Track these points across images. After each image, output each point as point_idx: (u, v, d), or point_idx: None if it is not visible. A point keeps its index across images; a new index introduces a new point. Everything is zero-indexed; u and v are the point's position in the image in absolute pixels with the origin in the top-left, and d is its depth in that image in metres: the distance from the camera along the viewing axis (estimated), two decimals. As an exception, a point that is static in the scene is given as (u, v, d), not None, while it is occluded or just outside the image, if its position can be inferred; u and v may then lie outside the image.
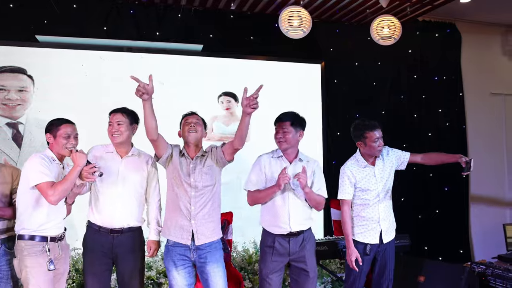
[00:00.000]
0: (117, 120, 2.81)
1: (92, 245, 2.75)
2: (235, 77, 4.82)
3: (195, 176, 2.74)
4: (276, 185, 2.75)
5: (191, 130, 2.80)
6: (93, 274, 2.72)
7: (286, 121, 2.88)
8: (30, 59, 4.28)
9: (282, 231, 2.83)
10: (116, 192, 2.76)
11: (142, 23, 4.68)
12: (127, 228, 2.77)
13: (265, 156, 2.96)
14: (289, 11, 4.14)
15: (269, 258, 2.85)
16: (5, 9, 4.32)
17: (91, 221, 2.78)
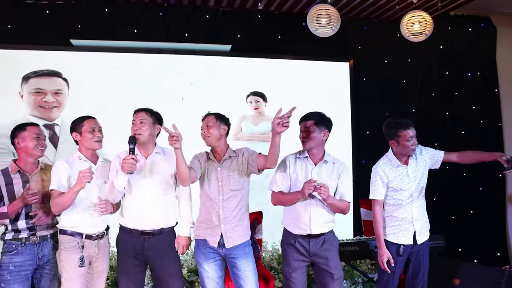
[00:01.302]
0: (140, 118, 2.79)
1: (124, 246, 2.77)
2: (263, 77, 4.83)
3: (223, 180, 2.74)
4: (301, 192, 2.72)
5: (205, 136, 2.79)
6: (126, 275, 2.76)
7: (309, 121, 2.84)
8: (65, 63, 4.43)
9: (302, 232, 2.81)
10: (144, 194, 2.75)
11: (171, 25, 4.76)
12: (159, 230, 2.76)
13: (290, 156, 2.92)
14: (317, 9, 4.09)
15: (291, 257, 2.85)
16: (42, 16, 4.50)
17: (122, 224, 2.81)
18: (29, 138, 2.73)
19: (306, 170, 2.84)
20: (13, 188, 2.70)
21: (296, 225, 2.82)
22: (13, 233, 2.68)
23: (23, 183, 2.72)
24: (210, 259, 2.76)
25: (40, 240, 2.72)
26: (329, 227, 2.87)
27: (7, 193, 2.68)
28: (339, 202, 2.81)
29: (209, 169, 2.79)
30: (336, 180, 2.85)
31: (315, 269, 2.89)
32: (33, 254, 2.69)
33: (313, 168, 2.83)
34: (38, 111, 4.35)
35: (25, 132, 2.74)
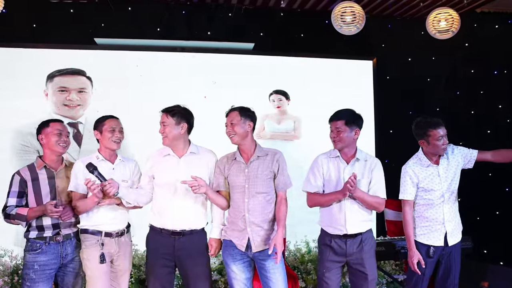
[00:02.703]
0: (162, 121, 2.74)
1: (154, 246, 2.75)
2: (286, 75, 4.80)
3: (249, 182, 2.70)
4: (341, 192, 2.67)
5: (230, 134, 2.74)
6: (156, 275, 2.73)
7: (339, 120, 2.78)
8: (89, 61, 4.47)
9: (338, 232, 2.77)
10: (176, 195, 2.71)
11: (194, 23, 4.76)
12: (189, 230, 2.73)
13: (322, 156, 2.87)
14: (341, 7, 4.04)
15: (326, 257, 2.80)
16: (66, 15, 4.55)
17: (152, 224, 2.79)
18: (51, 134, 2.75)
19: (338, 169, 2.79)
20: (38, 183, 2.72)
21: (332, 225, 2.78)
22: (37, 231, 2.69)
23: (48, 179, 2.74)
24: (238, 260, 2.73)
25: (64, 239, 2.73)
26: (366, 226, 2.81)
27: (32, 188, 2.70)
28: (370, 198, 2.73)
29: (234, 170, 2.73)
30: (369, 177, 2.79)
31: (349, 269, 2.85)
32: (57, 253, 2.71)
33: (345, 167, 2.79)
34: (62, 109, 4.39)
35: (48, 128, 2.76)
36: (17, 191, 2.69)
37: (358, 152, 2.83)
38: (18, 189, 2.69)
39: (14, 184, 2.71)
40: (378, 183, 2.79)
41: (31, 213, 2.64)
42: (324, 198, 2.79)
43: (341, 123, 2.77)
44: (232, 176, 2.74)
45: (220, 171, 2.79)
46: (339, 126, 2.76)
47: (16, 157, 4.27)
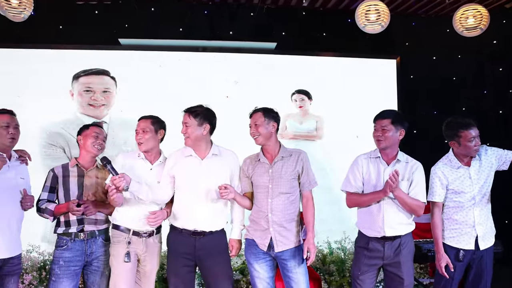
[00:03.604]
0: (184, 122, 2.73)
1: (174, 246, 2.75)
2: (308, 75, 4.77)
3: (273, 182, 2.69)
4: (382, 191, 2.63)
5: (254, 135, 2.73)
6: (176, 275, 2.73)
7: (386, 119, 2.73)
8: (113, 61, 4.53)
9: (376, 234, 2.72)
10: (197, 195, 2.70)
11: (216, 23, 4.79)
12: (210, 231, 2.72)
13: (362, 156, 2.84)
14: (366, 5, 3.98)
15: (362, 259, 2.76)
16: (91, 16, 4.64)
17: (173, 224, 2.79)
18: (89, 136, 2.85)
19: (378, 170, 2.75)
20: (68, 180, 2.81)
21: (370, 227, 2.74)
22: (64, 227, 2.76)
23: (78, 177, 2.82)
24: (261, 259, 2.72)
25: (88, 237, 2.77)
26: (406, 229, 2.74)
27: (62, 185, 2.80)
28: (410, 200, 2.67)
29: (258, 171, 2.74)
30: (409, 180, 2.73)
31: (385, 273, 2.79)
32: (82, 250, 2.76)
33: (385, 168, 2.74)
34: (87, 109, 4.47)
35: (87, 131, 2.88)
36: (49, 186, 2.81)
37: (400, 154, 2.78)
38: (50, 184, 2.82)
39: (47, 180, 2.84)
40: (418, 186, 2.72)
41: (57, 209, 2.74)
42: (364, 197, 2.75)
43: (387, 122, 2.72)
44: (256, 176, 2.74)
45: (244, 173, 2.80)
46: (385, 124, 2.72)
47: (43, 154, 4.36)
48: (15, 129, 2.69)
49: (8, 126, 2.65)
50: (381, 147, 2.75)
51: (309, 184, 2.77)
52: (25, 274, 3.89)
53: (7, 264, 2.58)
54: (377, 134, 2.75)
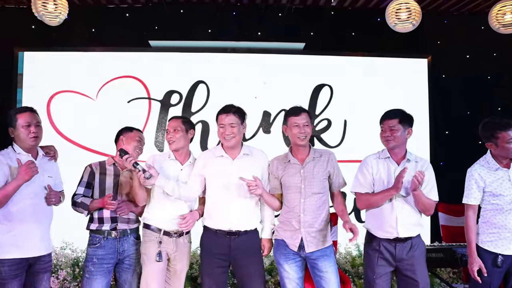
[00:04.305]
0: (230, 123, 2.72)
1: (208, 247, 2.75)
2: (337, 75, 4.72)
3: (305, 183, 2.69)
4: (394, 187, 2.58)
5: (301, 135, 2.70)
6: (210, 275, 2.73)
7: (393, 119, 2.70)
8: (143, 63, 4.61)
9: (388, 235, 2.67)
10: (230, 196, 2.69)
11: (244, 24, 4.81)
12: (244, 231, 2.71)
13: (371, 157, 2.80)
14: (396, 3, 3.92)
15: (375, 262, 2.70)
16: (122, 19, 4.74)
17: (207, 225, 2.79)
18: (132, 139, 2.90)
19: (388, 170, 2.71)
20: (105, 178, 2.86)
21: (382, 228, 2.69)
22: (98, 223, 2.82)
23: (114, 176, 2.88)
24: (291, 259, 2.71)
25: (120, 236, 2.82)
26: (417, 230, 2.71)
27: (98, 182, 2.85)
28: (425, 198, 2.63)
29: (289, 171, 2.73)
30: None
31: (398, 276, 2.74)
32: (114, 248, 2.80)
33: (396, 168, 2.70)
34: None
35: (131, 133, 2.93)
36: (85, 182, 2.86)
37: (408, 154, 2.75)
38: (87, 180, 2.86)
39: (84, 175, 2.89)
40: (430, 184, 2.69)
41: (92, 204, 2.79)
42: (375, 196, 2.69)
43: (395, 122, 2.69)
44: (287, 177, 2.73)
45: (273, 174, 2.79)
46: (393, 124, 2.68)
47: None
48: (37, 127, 2.63)
49: (29, 125, 2.60)
50: (390, 147, 2.71)
51: (340, 184, 2.80)
52: (59, 270, 4.01)
53: (38, 262, 2.62)
54: (385, 134, 2.70)
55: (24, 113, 2.63)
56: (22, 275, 2.55)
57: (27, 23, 4.59)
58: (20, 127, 2.60)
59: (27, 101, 4.49)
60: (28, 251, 2.55)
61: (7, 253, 2.49)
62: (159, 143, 4.53)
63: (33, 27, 4.60)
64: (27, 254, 2.54)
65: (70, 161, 4.15)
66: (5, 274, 2.47)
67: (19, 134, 2.60)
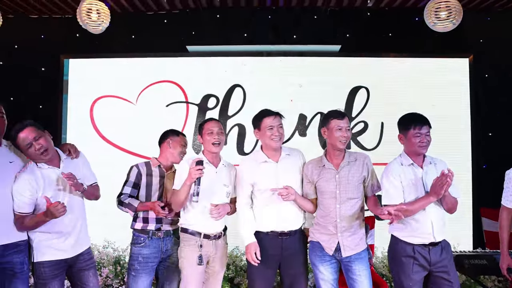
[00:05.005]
0: (278, 124, 2.77)
1: (261, 247, 2.74)
2: (374, 76, 4.67)
3: (340, 188, 2.67)
4: (433, 194, 2.51)
5: (343, 138, 2.67)
6: (263, 278, 2.75)
7: (427, 124, 2.65)
8: (181, 68, 4.73)
9: (423, 241, 2.61)
10: (279, 199, 2.70)
11: (280, 27, 4.81)
12: (294, 230, 2.76)
13: (395, 164, 2.70)
14: (435, 2, 3.83)
15: (410, 269, 2.63)
16: (160, 25, 4.87)
17: (258, 230, 2.80)
18: (179, 144, 2.99)
19: (415, 176, 2.64)
20: (151, 179, 2.94)
21: (416, 234, 2.63)
22: (142, 223, 2.90)
23: (159, 177, 2.95)
24: (326, 262, 2.72)
25: (164, 236, 2.90)
26: (445, 232, 2.67)
27: (145, 183, 2.93)
28: (451, 197, 2.58)
29: (324, 176, 2.72)
30: None
31: (431, 278, 2.66)
32: (158, 247, 2.89)
33: (422, 172, 2.64)
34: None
35: (177, 138, 3.01)
36: (132, 182, 2.93)
37: (427, 156, 2.70)
38: (134, 180, 2.93)
39: (131, 175, 2.95)
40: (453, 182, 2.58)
41: (140, 207, 2.87)
42: (413, 206, 2.59)
43: (429, 127, 2.65)
44: (322, 182, 2.73)
45: (307, 178, 2.79)
46: (428, 130, 2.64)
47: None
48: (38, 141, 2.51)
49: (30, 144, 2.50)
50: (424, 152, 2.65)
51: (374, 188, 2.76)
52: (102, 268, 4.17)
53: (78, 260, 2.70)
54: (421, 139, 2.61)
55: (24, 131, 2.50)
56: (62, 275, 2.65)
57: (72, 32, 4.80)
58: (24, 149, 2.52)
59: (72, 106, 4.72)
60: (64, 253, 2.63)
61: (45, 255, 2.58)
62: (197, 146, 4.62)
63: (78, 35, 4.81)
64: (63, 256, 2.62)
65: (111, 163, 4.40)
66: (45, 275, 2.57)
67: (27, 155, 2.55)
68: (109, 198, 3.07)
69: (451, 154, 4.52)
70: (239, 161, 2.94)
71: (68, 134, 4.67)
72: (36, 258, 2.59)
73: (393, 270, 2.75)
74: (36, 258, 2.59)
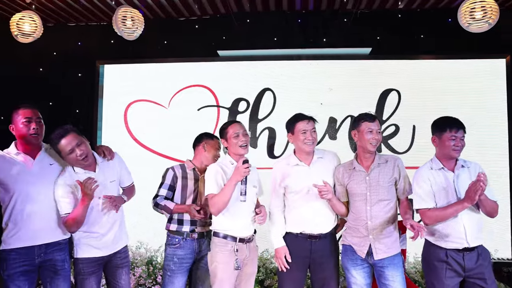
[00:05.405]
0: (312, 128, 2.79)
1: (290, 250, 2.76)
2: (405, 79, 4.61)
3: (371, 190, 2.67)
4: (468, 199, 2.45)
5: (374, 141, 2.68)
6: (291, 278, 2.78)
7: (462, 129, 2.62)
8: (212, 72, 4.80)
9: (456, 245, 2.56)
10: (310, 202, 2.74)
11: (310, 31, 4.83)
12: (324, 234, 2.76)
13: (425, 169, 2.68)
14: (470, 2, 3.74)
15: (443, 274, 2.59)
16: (192, 31, 4.97)
17: (288, 231, 2.83)
18: (214, 148, 3.04)
19: (447, 180, 2.61)
20: (186, 182, 3.00)
21: (449, 238, 2.59)
22: (177, 224, 2.96)
23: (194, 180, 3.01)
24: (359, 265, 2.71)
25: (198, 237, 2.96)
26: (482, 238, 2.60)
27: (181, 185, 2.99)
28: (490, 201, 2.53)
29: (355, 179, 2.73)
30: None
31: (467, 286, 2.60)
32: (192, 248, 2.95)
33: (453, 176, 2.61)
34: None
35: (212, 141, 3.07)
36: (168, 184, 3.00)
37: (460, 160, 2.66)
38: (170, 183, 3.00)
39: (167, 178, 3.01)
40: (489, 185, 2.52)
41: (176, 209, 2.94)
42: (446, 211, 2.56)
43: (463, 132, 2.62)
44: (353, 184, 2.73)
45: (339, 181, 2.80)
46: (463, 135, 2.61)
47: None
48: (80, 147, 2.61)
49: (72, 150, 2.60)
50: (457, 156, 2.62)
51: (407, 191, 2.74)
52: (135, 268, 4.28)
53: (114, 258, 2.80)
54: (455, 143, 2.59)
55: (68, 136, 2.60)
56: (99, 271, 2.77)
57: (107, 38, 4.97)
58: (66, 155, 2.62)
59: (107, 110, 4.87)
60: (101, 251, 2.74)
61: (84, 253, 2.71)
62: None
63: (112, 42, 4.97)
64: (100, 254, 2.74)
65: (144, 165, 4.51)
66: (84, 271, 2.70)
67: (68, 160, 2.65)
68: (142, 199, 3.16)
69: (488, 158, 4.40)
70: (269, 164, 2.96)
71: (103, 138, 4.82)
72: (76, 254, 2.74)
73: (426, 275, 2.72)
74: (76, 255, 2.74)
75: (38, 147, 2.73)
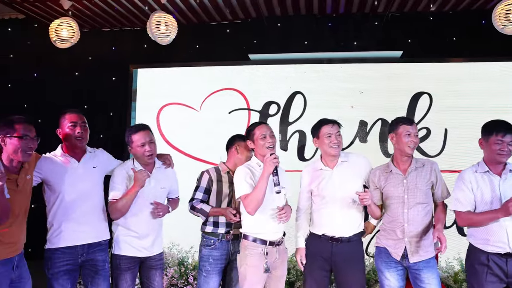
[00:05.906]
0: (337, 131, 2.82)
1: (313, 250, 2.84)
2: (437, 82, 4.56)
3: (408, 193, 2.68)
4: (503, 210, 2.43)
5: (412, 144, 2.69)
6: (312, 276, 2.83)
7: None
8: (243, 76, 4.86)
9: (498, 250, 2.53)
10: (333, 205, 2.76)
11: (340, 34, 4.85)
12: (347, 237, 2.76)
13: (469, 172, 2.66)
14: (506, 3, 3.69)
15: (483, 278, 2.57)
16: (224, 35, 5.07)
17: (312, 231, 2.87)
18: (246, 149, 3.06)
19: (491, 184, 2.58)
20: (221, 185, 3.04)
21: (490, 242, 2.56)
22: (213, 226, 3.01)
23: (229, 183, 3.05)
24: (393, 268, 2.72)
25: (233, 239, 3.00)
26: None
27: (216, 188, 3.04)
28: None
29: (392, 182, 2.74)
30: None
31: None
32: (227, 249, 3.00)
33: (499, 181, 2.57)
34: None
35: (244, 143, 3.05)
36: (204, 188, 3.04)
37: (508, 164, 2.61)
38: (206, 186, 3.04)
39: (203, 181, 3.05)
40: None
41: (212, 212, 2.99)
42: (479, 217, 2.57)
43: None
44: (389, 187, 2.75)
45: (375, 184, 2.81)
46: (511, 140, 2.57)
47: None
48: (150, 145, 2.80)
49: (143, 144, 2.78)
50: (504, 161, 2.58)
51: (443, 195, 2.76)
52: (168, 268, 4.38)
53: (149, 259, 2.89)
54: (502, 147, 2.55)
55: (140, 132, 2.81)
56: (135, 268, 2.86)
57: (140, 43, 5.09)
58: (136, 147, 2.80)
59: (140, 113, 4.98)
60: (138, 252, 2.83)
61: (122, 250, 2.81)
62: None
63: (145, 46, 5.10)
64: (138, 254, 2.83)
65: (176, 167, 4.57)
66: (120, 267, 2.80)
67: (136, 153, 2.83)
68: (181, 202, 3.22)
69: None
70: (300, 167, 3.00)
71: (136, 140, 4.93)
72: (114, 250, 2.85)
73: (468, 278, 2.72)
74: (114, 250, 2.84)
75: (82, 150, 2.86)
